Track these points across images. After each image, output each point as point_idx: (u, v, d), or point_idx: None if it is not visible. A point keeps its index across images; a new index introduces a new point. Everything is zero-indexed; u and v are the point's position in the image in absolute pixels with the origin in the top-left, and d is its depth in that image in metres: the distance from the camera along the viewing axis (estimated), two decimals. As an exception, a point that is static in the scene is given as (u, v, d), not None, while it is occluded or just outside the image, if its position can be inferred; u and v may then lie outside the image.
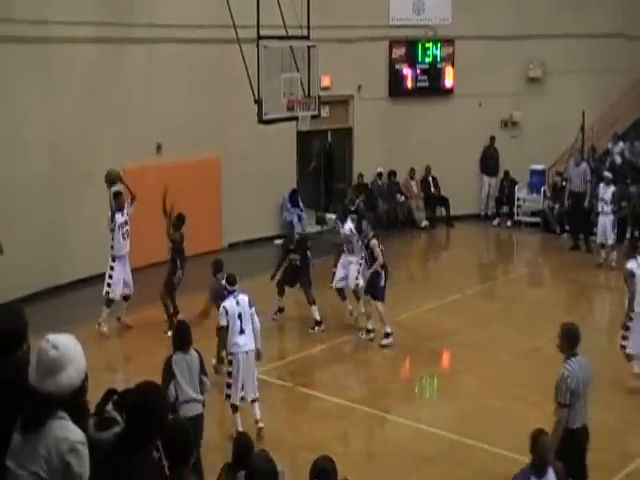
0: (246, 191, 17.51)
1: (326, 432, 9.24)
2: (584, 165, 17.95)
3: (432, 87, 20.28)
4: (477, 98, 20.06)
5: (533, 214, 19.91)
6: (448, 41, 20.13)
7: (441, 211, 20.47)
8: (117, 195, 12.89)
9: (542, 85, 20.69)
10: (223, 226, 17.55)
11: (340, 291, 12.91)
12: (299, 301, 14.09)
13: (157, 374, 7.30)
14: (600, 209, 16.03)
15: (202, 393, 7.76)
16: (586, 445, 6.80)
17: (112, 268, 12.78)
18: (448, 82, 20.39)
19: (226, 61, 15.75)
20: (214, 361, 9.63)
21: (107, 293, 12.65)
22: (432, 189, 20.40)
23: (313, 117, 14.98)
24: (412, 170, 20.12)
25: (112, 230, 12.79)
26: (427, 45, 20.11)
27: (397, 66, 19.98)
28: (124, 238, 12.94)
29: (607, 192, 15.91)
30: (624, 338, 10.33)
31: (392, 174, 19.93)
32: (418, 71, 20.11)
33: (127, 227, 13.00)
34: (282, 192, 18.31)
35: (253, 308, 9.18)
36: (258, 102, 13.59)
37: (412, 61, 20.04)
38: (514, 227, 19.89)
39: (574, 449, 6.55)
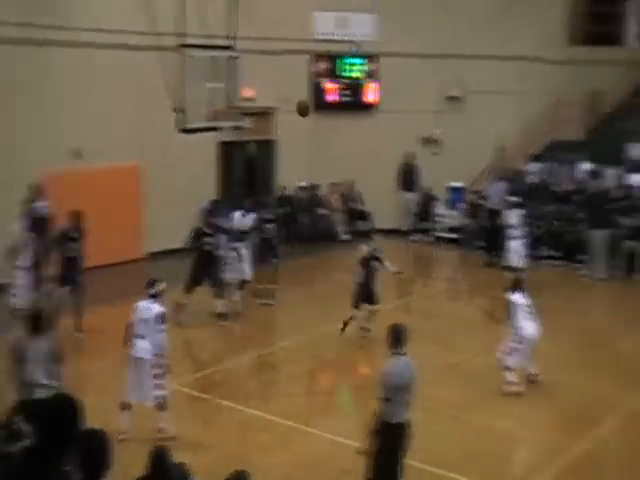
0: (168, 199, 17.28)
1: (246, 445, 9.14)
2: (502, 183, 18.40)
3: (355, 102, 20.48)
4: (399, 114, 20.35)
5: (452, 230, 20.28)
6: (371, 57, 20.38)
7: (362, 225, 20.63)
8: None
9: (462, 104, 21.14)
10: (144, 235, 17.24)
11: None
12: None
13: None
14: (509, 234, 16.03)
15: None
16: (403, 441, 7.02)
17: (18, 277, 12.55)
18: (371, 97, 20.62)
19: (149, 68, 15.47)
20: None
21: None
22: (353, 203, 20.54)
23: (235, 128, 14.91)
24: (334, 184, 20.23)
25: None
26: (350, 60, 20.31)
27: (320, 80, 20.11)
28: None
29: (513, 216, 16.06)
30: (507, 354, 10.76)
31: (314, 187, 20.00)
32: (341, 85, 20.30)
33: None
34: (202, 202, 18.09)
35: (163, 326, 8.86)
36: (180, 111, 13.44)
37: (335, 75, 20.20)
38: (433, 243, 20.21)
39: (390, 442, 6.93)
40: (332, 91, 20.29)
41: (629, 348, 13.29)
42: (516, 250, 15.91)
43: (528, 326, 10.76)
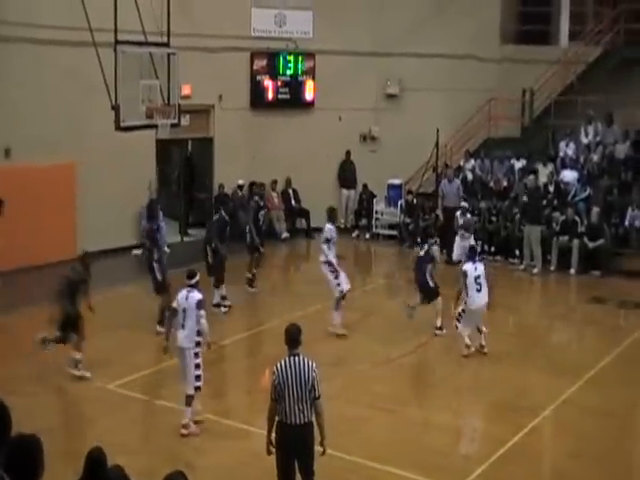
0: (103, 199, 17.00)
1: (184, 446, 9.06)
2: (457, 181, 18.59)
3: (293, 100, 20.47)
4: (337, 112, 20.44)
5: (391, 227, 20.43)
6: (309, 55, 20.40)
7: (301, 223, 20.64)
8: None
9: (399, 102, 21.33)
10: (77, 234, 16.92)
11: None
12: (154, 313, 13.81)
13: None
14: (460, 236, 15.59)
15: None
16: (299, 440, 6.94)
17: None
18: (309, 95, 20.64)
19: (83, 65, 15.25)
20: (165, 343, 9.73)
21: None
22: (293, 201, 20.55)
23: (173, 126, 14.75)
24: (274, 182, 20.19)
25: None
26: (288, 58, 20.29)
27: (258, 77, 20.05)
28: None
29: (461, 220, 16.04)
30: (458, 320, 12.00)
31: (253, 185, 19.90)
32: (279, 83, 20.25)
33: None
34: (140, 201, 17.87)
35: (202, 311, 9.29)
36: (115, 108, 13.24)
37: (273, 73, 20.16)
38: (372, 239, 20.34)
39: (287, 442, 6.95)
40: (271, 89, 20.23)
41: (559, 341, 13.62)
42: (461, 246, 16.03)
43: (475, 296, 11.59)
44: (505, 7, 22.13)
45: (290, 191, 20.56)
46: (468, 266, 11.72)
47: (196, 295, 9.30)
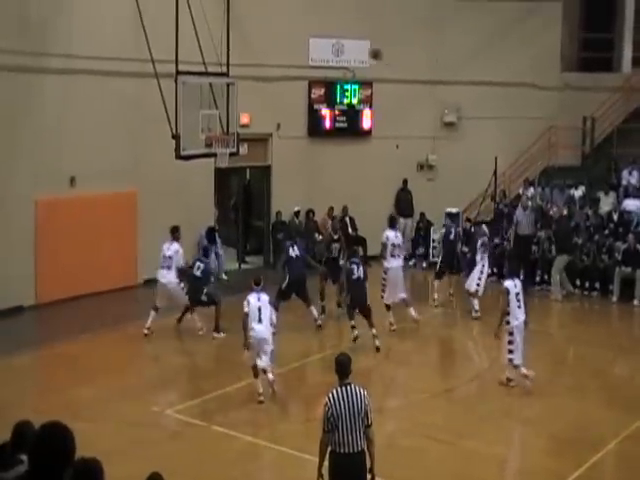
0: (163, 227, 17.22)
1: (237, 472, 9.07)
2: (530, 210, 18.39)
3: (350, 128, 20.56)
4: (394, 140, 20.44)
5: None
6: (366, 83, 20.50)
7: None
8: None
9: (457, 130, 21.24)
10: (139, 262, 17.21)
11: None
12: (211, 340, 13.92)
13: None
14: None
15: None
16: (354, 469, 6.92)
17: None
18: (366, 124, 20.71)
19: (144, 95, 15.61)
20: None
21: None
22: (349, 229, 20.55)
23: (232, 154, 14.96)
24: (330, 209, 20.25)
25: None
26: (346, 87, 20.42)
27: (316, 106, 20.20)
28: None
29: (478, 243, 16.15)
30: (510, 352, 11.63)
31: (310, 212, 20.02)
32: (337, 112, 20.37)
33: None
34: (199, 228, 18.11)
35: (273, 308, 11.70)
36: (176, 137, 13.50)
37: (331, 102, 20.30)
38: (429, 268, 20.16)
39: (342, 472, 6.93)
40: (328, 117, 20.38)
41: (622, 374, 13.26)
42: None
43: (517, 312, 11.64)
44: (566, 34, 21.94)
45: (347, 219, 20.57)
46: (508, 283, 11.88)
47: (266, 296, 11.40)
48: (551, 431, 10.38)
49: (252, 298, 11.22)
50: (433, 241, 20.39)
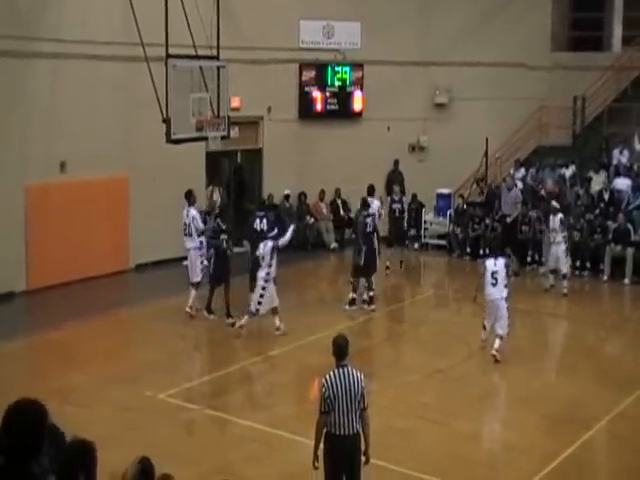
0: (155, 211, 17.23)
1: (234, 455, 9.12)
2: (515, 190, 18.38)
3: (341, 110, 20.51)
4: (386, 122, 20.41)
5: (440, 237, 20.30)
6: (357, 65, 20.44)
7: (350, 233, 20.62)
8: None
9: (448, 111, 21.22)
10: (130, 246, 17.20)
11: None
12: (207, 324, 13.95)
13: None
14: (552, 239, 15.98)
15: None
16: (348, 451, 6.98)
17: None
18: (357, 106, 20.67)
19: (134, 79, 15.53)
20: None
21: None
22: (341, 211, 20.57)
23: (223, 138, 14.91)
24: (322, 192, 20.26)
25: None
26: (337, 69, 20.36)
27: (307, 88, 20.15)
28: None
29: (555, 221, 15.90)
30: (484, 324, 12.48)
31: (302, 195, 20.01)
32: (328, 94, 20.32)
33: None
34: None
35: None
36: (166, 121, 13.44)
37: (322, 84, 20.24)
38: (421, 249, 20.23)
39: (336, 453, 6.96)
40: (319, 100, 20.33)
41: (613, 353, 13.34)
42: (558, 255, 15.93)
43: (490, 290, 12.09)
44: (556, 13, 21.89)
45: (339, 201, 20.58)
46: (488, 261, 12.32)
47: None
48: (543, 410, 10.46)
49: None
50: (425, 222, 20.43)
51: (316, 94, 20.23)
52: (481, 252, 18.77)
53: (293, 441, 9.38)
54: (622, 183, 18.47)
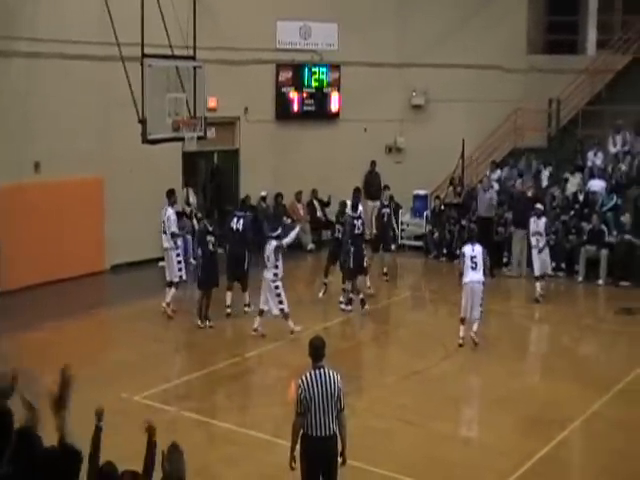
0: (130, 212, 17.12)
1: (212, 457, 9.07)
2: (491, 191, 18.45)
3: (318, 111, 20.52)
4: (362, 123, 20.45)
5: (416, 238, 20.35)
6: (334, 66, 20.45)
7: (327, 234, 20.61)
8: None
9: (425, 112, 21.30)
10: (106, 247, 17.06)
11: None
12: (183, 325, 13.89)
13: None
14: (535, 243, 15.59)
15: None
16: (325, 452, 6.96)
17: None
18: (334, 107, 20.68)
19: (110, 79, 15.42)
20: None
21: None
22: (318, 212, 20.56)
23: (199, 138, 14.85)
24: (299, 193, 20.23)
25: None
26: (313, 70, 20.35)
27: (284, 89, 20.12)
28: None
29: (539, 224, 15.57)
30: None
31: (279, 196, 19.97)
32: (304, 95, 20.31)
33: None
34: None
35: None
36: (142, 122, 13.37)
37: (299, 85, 20.22)
38: (398, 251, 20.25)
39: (313, 454, 6.93)
40: (296, 101, 20.31)
41: (587, 353, 13.43)
42: (544, 259, 15.76)
43: (470, 273, 12.55)
44: (532, 17, 22.07)
45: (316, 202, 20.56)
46: (466, 248, 12.89)
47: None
48: (520, 410, 10.52)
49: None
50: (401, 223, 20.47)
51: (293, 95, 20.22)
52: (458, 253, 18.88)
53: (271, 443, 9.35)
54: (597, 185, 18.62)
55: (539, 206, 16.05)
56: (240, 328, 13.78)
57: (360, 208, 15.26)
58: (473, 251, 12.65)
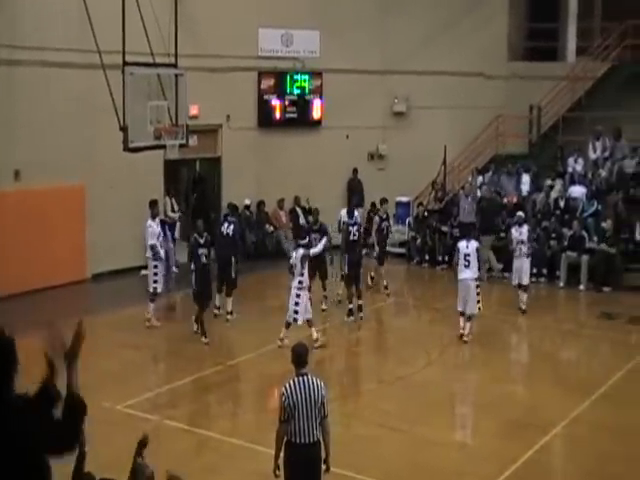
0: (112, 220, 17.05)
1: (194, 465, 9.02)
2: (474, 197, 18.44)
3: (301, 119, 20.53)
4: (344, 130, 20.49)
5: (399, 245, 20.38)
6: (316, 74, 20.48)
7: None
8: None
9: (406, 119, 21.37)
10: (88, 256, 16.97)
11: None
12: (166, 334, 13.84)
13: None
14: (518, 252, 15.16)
15: None
16: (309, 459, 6.94)
17: None
18: (316, 114, 20.71)
19: (91, 86, 15.36)
20: None
21: None
22: (301, 219, 20.52)
23: (181, 146, 14.83)
24: (281, 200, 20.22)
25: None
26: (295, 77, 20.38)
27: (266, 97, 20.13)
28: None
29: (522, 232, 15.25)
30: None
31: (261, 204, 19.95)
32: (287, 102, 20.32)
33: None
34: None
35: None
36: (124, 129, 13.32)
37: (281, 92, 20.23)
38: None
39: (297, 462, 6.92)
40: (278, 108, 20.31)
41: (569, 358, 13.49)
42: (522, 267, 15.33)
43: (463, 269, 12.84)
44: (512, 24, 22.22)
45: (298, 210, 20.55)
46: (460, 243, 13.20)
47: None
48: (503, 415, 10.55)
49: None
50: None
51: (275, 102, 20.22)
52: (440, 259, 18.97)
53: (253, 450, 9.31)
54: (577, 191, 18.75)
55: (520, 214, 15.90)
56: (223, 336, 13.73)
57: (356, 214, 15.29)
58: (467, 248, 12.94)
